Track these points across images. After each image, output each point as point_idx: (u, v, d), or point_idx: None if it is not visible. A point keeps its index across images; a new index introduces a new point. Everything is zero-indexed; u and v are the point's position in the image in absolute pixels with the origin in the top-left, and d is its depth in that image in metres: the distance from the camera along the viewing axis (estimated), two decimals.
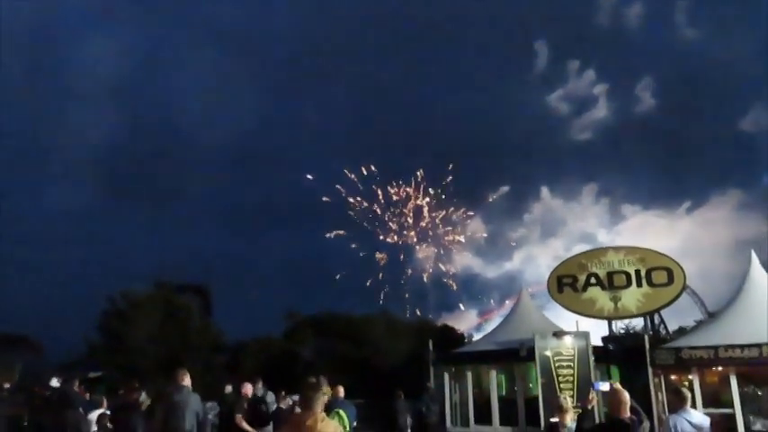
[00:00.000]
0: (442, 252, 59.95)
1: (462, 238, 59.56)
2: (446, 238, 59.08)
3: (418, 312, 50.59)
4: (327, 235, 53.96)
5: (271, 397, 12.24)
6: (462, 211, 58.51)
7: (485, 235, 60.21)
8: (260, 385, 12.13)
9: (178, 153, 72.47)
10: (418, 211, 57.94)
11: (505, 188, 63.23)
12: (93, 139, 71.32)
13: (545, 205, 64.07)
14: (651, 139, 63.53)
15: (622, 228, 59.60)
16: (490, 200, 61.50)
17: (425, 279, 57.73)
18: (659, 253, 21.36)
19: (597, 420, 10.00)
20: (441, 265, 58.50)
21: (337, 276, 54.42)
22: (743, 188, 57.81)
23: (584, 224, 61.37)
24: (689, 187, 63.59)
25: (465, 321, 54.18)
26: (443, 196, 58.68)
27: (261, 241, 73.51)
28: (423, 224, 57.90)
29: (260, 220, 74.27)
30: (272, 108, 78.43)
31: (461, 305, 58.31)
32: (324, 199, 55.11)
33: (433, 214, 58.12)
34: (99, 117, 72.91)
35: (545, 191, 63.93)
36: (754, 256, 18.11)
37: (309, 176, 58.47)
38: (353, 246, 56.03)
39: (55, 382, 10.81)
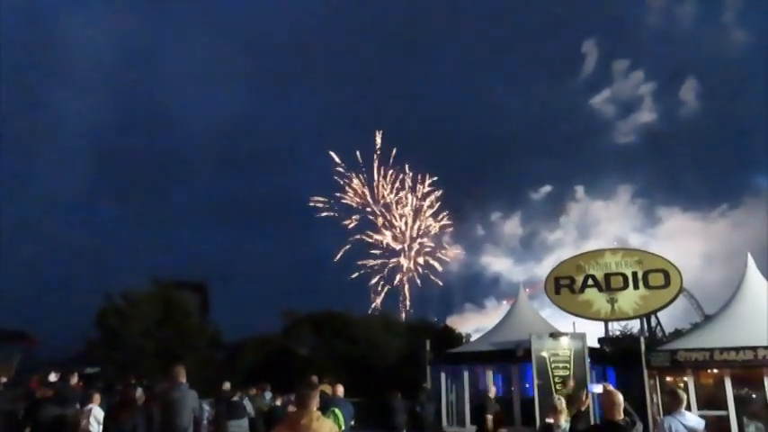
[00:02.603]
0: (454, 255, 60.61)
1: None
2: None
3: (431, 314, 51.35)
4: (359, 269, 54.97)
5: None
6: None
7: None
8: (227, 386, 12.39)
9: (177, 149, 72.47)
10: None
11: (547, 188, 63.55)
12: (91, 135, 71.11)
13: (582, 207, 63.79)
14: (693, 141, 62.75)
15: (658, 230, 59.26)
16: (532, 197, 62.08)
17: (430, 279, 58.28)
18: (656, 255, 21.49)
19: (591, 422, 10.05)
20: (435, 266, 58.86)
21: (354, 274, 55.20)
22: None
23: (620, 226, 60.99)
24: (726, 190, 62.88)
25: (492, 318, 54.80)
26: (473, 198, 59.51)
27: (260, 239, 73.47)
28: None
29: (257, 218, 74.25)
30: (273, 104, 78.42)
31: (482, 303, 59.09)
32: (323, 214, 55.93)
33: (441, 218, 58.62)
34: (97, 113, 72.70)
35: (583, 192, 63.67)
36: (750, 260, 18.15)
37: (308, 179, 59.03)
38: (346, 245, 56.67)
39: (53, 377, 10.81)
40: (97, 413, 8.93)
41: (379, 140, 57.57)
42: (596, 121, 68.51)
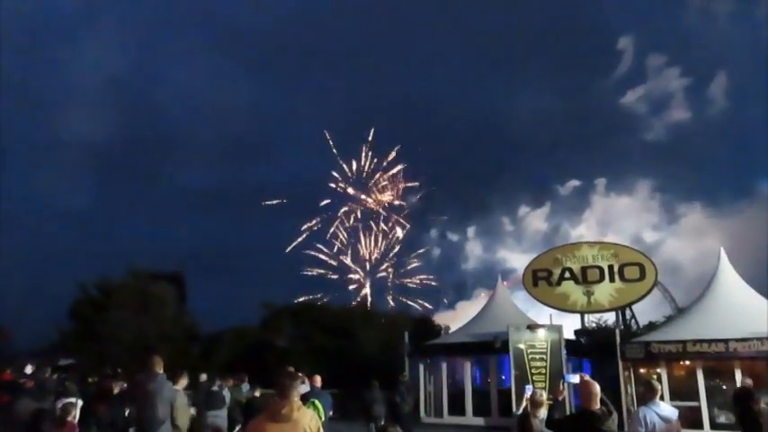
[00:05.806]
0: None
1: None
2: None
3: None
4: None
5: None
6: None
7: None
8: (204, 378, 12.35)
9: (155, 141, 71.42)
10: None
11: (575, 182, 63.77)
12: (70, 126, 69.61)
13: (605, 203, 63.97)
14: (720, 138, 62.52)
15: (678, 227, 59.80)
16: (560, 192, 62.58)
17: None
18: (632, 249, 21.86)
19: (568, 412, 10.19)
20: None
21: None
22: None
23: (641, 222, 61.31)
24: (749, 187, 63.10)
25: None
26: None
27: (238, 230, 72.81)
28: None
29: (236, 209, 73.56)
30: (256, 97, 77.57)
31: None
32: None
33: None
34: (78, 106, 71.22)
35: (606, 189, 63.74)
36: (723, 254, 18.50)
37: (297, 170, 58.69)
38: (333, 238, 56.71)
39: (29, 369, 10.62)
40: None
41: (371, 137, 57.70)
42: (628, 118, 68.30)
